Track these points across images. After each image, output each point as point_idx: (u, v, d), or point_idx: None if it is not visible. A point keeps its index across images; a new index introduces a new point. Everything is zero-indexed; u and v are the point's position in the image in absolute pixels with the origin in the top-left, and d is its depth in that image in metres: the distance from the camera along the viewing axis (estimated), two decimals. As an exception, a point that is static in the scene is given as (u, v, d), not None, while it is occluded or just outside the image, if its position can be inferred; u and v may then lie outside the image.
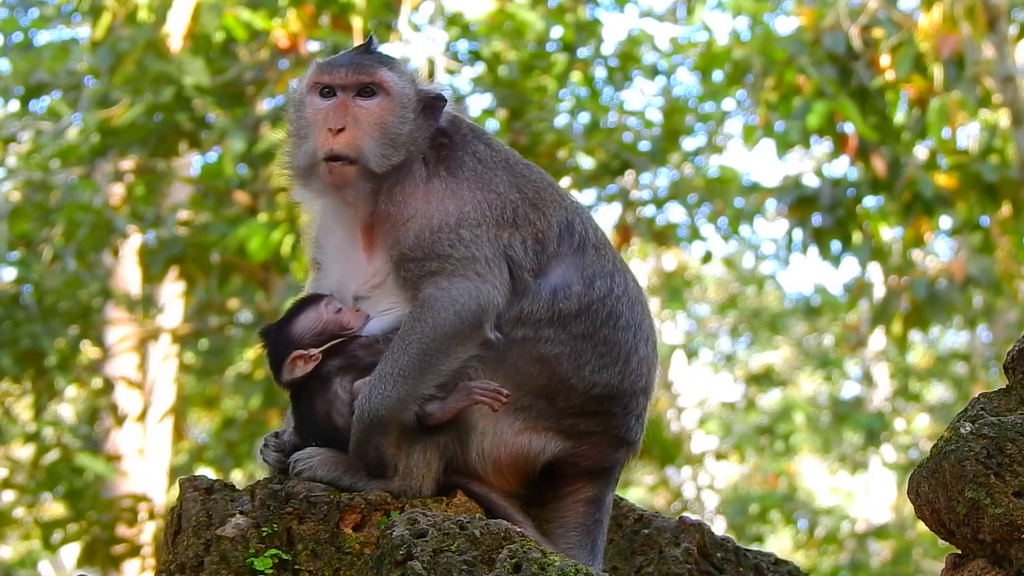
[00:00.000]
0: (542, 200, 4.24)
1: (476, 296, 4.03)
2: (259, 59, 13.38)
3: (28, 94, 14.01)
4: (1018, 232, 13.28)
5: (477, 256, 4.08)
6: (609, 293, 4.20)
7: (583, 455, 4.19)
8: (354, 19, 12.15)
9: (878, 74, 12.17)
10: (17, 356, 13.06)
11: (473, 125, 4.41)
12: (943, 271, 13.43)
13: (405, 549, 3.59)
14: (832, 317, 23.66)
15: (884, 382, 23.93)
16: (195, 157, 15.56)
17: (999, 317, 19.97)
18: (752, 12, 14.65)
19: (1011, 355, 3.83)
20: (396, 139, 4.17)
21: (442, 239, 4.08)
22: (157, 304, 16.11)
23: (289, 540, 3.90)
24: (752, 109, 14.31)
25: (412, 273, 4.08)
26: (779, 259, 23.27)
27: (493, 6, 13.06)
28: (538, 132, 13.11)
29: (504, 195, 4.19)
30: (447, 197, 4.16)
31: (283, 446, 4.20)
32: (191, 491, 4.03)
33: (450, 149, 4.25)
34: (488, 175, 4.22)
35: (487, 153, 4.27)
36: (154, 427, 15.45)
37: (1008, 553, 3.49)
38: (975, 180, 12.28)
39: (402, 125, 4.19)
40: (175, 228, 13.36)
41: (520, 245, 4.15)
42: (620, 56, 14.38)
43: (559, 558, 3.56)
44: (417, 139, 4.22)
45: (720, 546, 4.42)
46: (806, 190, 12.95)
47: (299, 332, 4.16)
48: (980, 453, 3.51)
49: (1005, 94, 11.54)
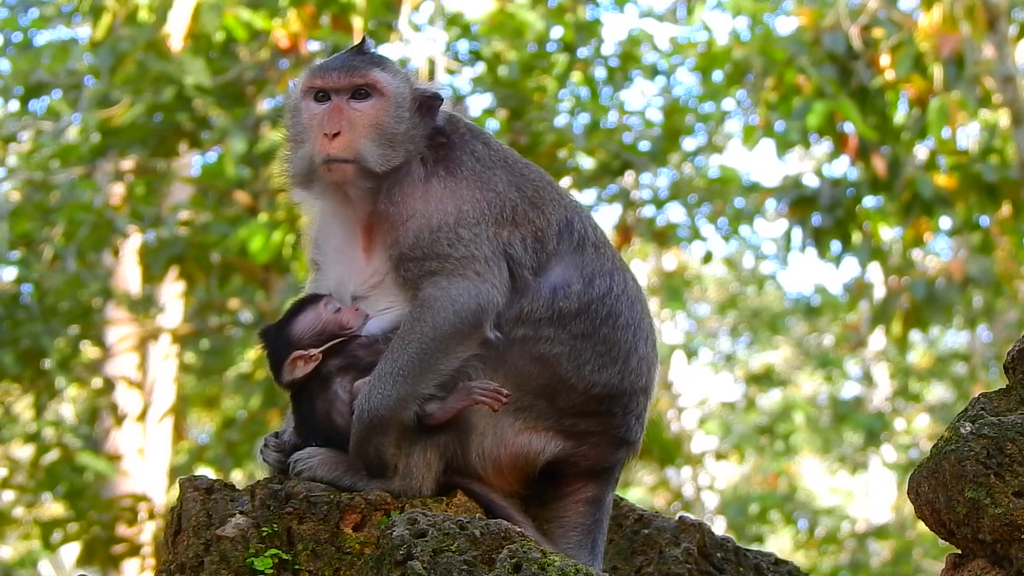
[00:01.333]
0: (541, 199, 4.24)
1: (476, 295, 4.03)
2: (259, 59, 13.37)
3: (28, 94, 14.02)
4: (1018, 232, 13.29)
5: (476, 255, 4.07)
6: (609, 292, 4.19)
7: (583, 455, 4.19)
8: (354, 19, 12.16)
9: (878, 74, 12.17)
10: (18, 356, 13.06)
11: (471, 124, 4.40)
12: (943, 271, 13.42)
13: (405, 549, 3.59)
14: (832, 317, 23.67)
15: (884, 382, 23.93)
16: (195, 157, 15.57)
17: (999, 317, 19.97)
18: (752, 12, 14.65)
19: (1011, 355, 3.83)
20: (393, 139, 4.16)
21: (441, 238, 4.08)
22: (157, 304, 16.11)
23: (289, 540, 3.90)
24: (752, 109, 14.31)
25: (411, 273, 4.08)
26: (779, 259, 23.31)
27: (493, 6, 13.07)
28: (538, 132, 13.11)
29: (503, 194, 4.18)
30: (446, 196, 4.15)
31: (283, 446, 4.20)
32: (191, 491, 4.02)
33: (448, 148, 4.24)
34: (487, 174, 4.21)
35: (485, 152, 4.26)
36: (154, 427, 15.45)
37: (1008, 553, 3.50)
38: (975, 180, 12.28)
39: (398, 125, 4.17)
40: (175, 228, 13.35)
41: (520, 244, 4.15)
42: (620, 56, 14.39)
43: (559, 558, 3.56)
44: (415, 138, 4.20)
45: (720, 546, 4.42)
46: (806, 190, 12.95)
47: (299, 332, 4.16)
48: (980, 453, 3.51)
49: (1005, 94, 11.54)
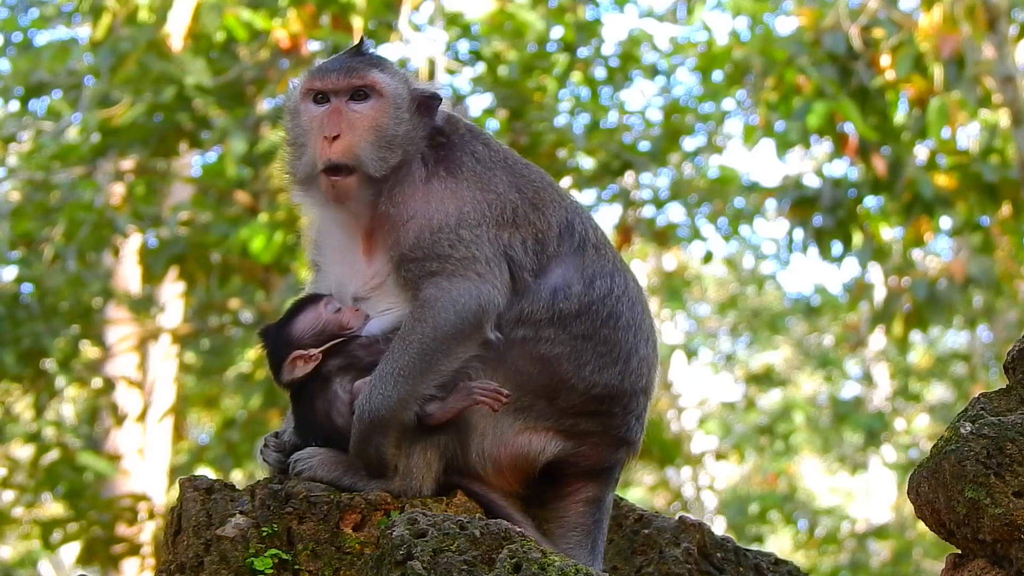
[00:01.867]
0: (541, 200, 4.23)
1: (476, 296, 4.03)
2: (260, 59, 13.37)
3: (28, 94, 14.02)
4: (1018, 232, 13.28)
5: (477, 256, 4.07)
6: (609, 293, 4.19)
7: (583, 455, 4.18)
8: (355, 19, 12.15)
9: (878, 74, 12.17)
10: (18, 355, 13.06)
11: (471, 125, 4.39)
12: (943, 271, 13.42)
13: (405, 549, 3.59)
14: (832, 317, 23.66)
15: (884, 382, 23.92)
16: (195, 157, 15.57)
17: (999, 317, 19.97)
18: (751, 12, 14.65)
19: (1011, 355, 3.83)
20: (392, 140, 4.15)
21: (442, 239, 4.07)
22: (158, 304, 16.11)
23: (289, 540, 3.90)
24: (752, 109, 14.31)
25: (412, 274, 4.07)
26: (779, 259, 23.31)
27: (494, 6, 13.06)
28: (538, 132, 13.10)
29: (504, 195, 4.18)
30: (447, 197, 4.14)
31: (283, 446, 4.19)
32: (191, 491, 4.02)
33: (448, 149, 4.23)
34: (487, 175, 4.20)
35: (486, 153, 4.26)
36: (154, 427, 15.44)
37: (1008, 553, 3.49)
38: (975, 180, 12.28)
39: (398, 126, 4.17)
40: (176, 228, 13.35)
41: (520, 245, 4.14)
42: (620, 56, 14.38)
43: (559, 558, 3.56)
44: (414, 139, 4.20)
45: (720, 546, 4.42)
46: (806, 190, 12.94)
47: (299, 332, 4.16)
48: (980, 453, 3.51)
49: (1005, 94, 11.54)
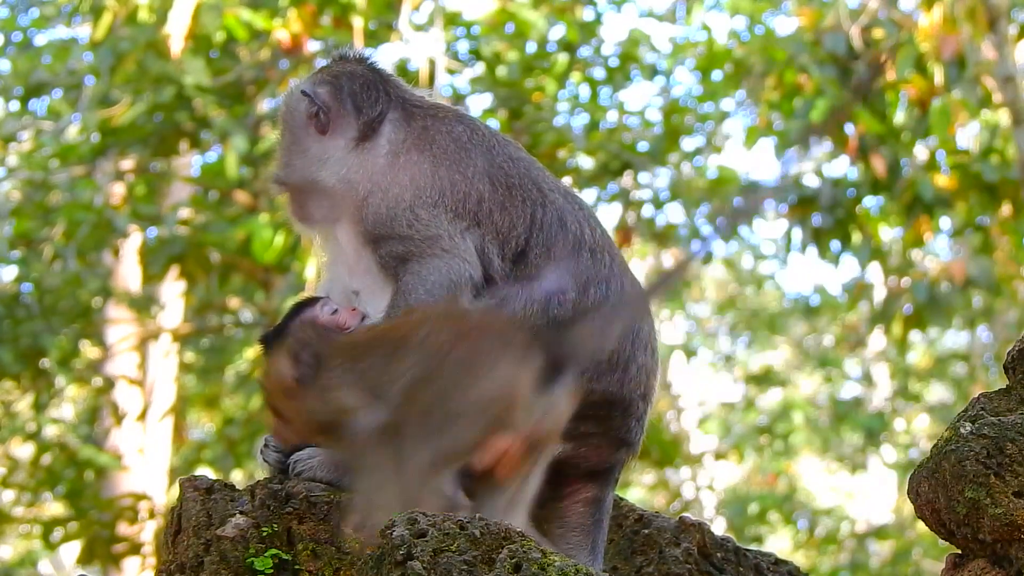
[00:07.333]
0: (513, 198, 4.21)
1: (447, 272, 4.03)
2: (260, 59, 13.37)
3: (28, 94, 14.01)
4: (1018, 232, 13.26)
5: (440, 233, 4.08)
6: (604, 300, 4.14)
7: (583, 456, 4.17)
8: (355, 19, 12.15)
9: (879, 74, 12.16)
10: (18, 355, 13.06)
11: (461, 112, 4.41)
12: (943, 272, 13.41)
13: (405, 549, 3.58)
14: (832, 317, 23.65)
15: (884, 382, 23.91)
16: (195, 157, 15.56)
17: (999, 317, 19.95)
18: (750, 12, 14.65)
19: (1011, 355, 3.83)
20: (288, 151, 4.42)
21: (399, 216, 4.10)
22: (158, 303, 16.10)
23: (289, 540, 3.90)
24: (752, 109, 14.31)
25: (384, 259, 4.10)
26: (779, 259, 23.30)
27: (494, 5, 13.06)
28: (538, 132, 13.09)
29: (472, 180, 4.17)
30: (405, 171, 4.18)
31: (283, 446, 4.20)
32: (191, 491, 4.02)
33: (423, 128, 4.25)
34: (459, 155, 4.20)
35: (466, 134, 4.25)
36: (154, 426, 15.44)
37: (1008, 553, 3.49)
38: (975, 180, 12.28)
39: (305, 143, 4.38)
40: (175, 227, 13.35)
41: (478, 241, 4.13)
42: (620, 56, 14.37)
43: (559, 558, 3.56)
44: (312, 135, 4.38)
45: (720, 546, 4.42)
46: (806, 190, 12.94)
47: (296, 336, 4.15)
48: (980, 453, 3.51)
49: (1005, 94, 11.53)
